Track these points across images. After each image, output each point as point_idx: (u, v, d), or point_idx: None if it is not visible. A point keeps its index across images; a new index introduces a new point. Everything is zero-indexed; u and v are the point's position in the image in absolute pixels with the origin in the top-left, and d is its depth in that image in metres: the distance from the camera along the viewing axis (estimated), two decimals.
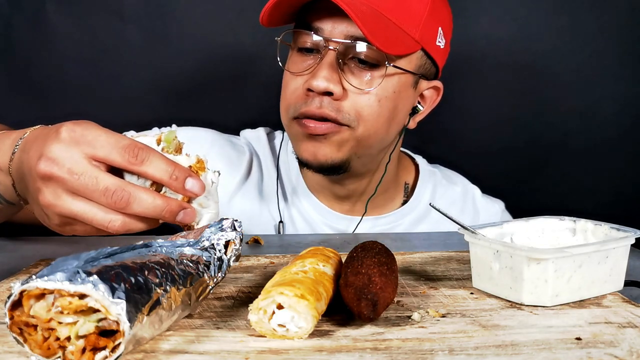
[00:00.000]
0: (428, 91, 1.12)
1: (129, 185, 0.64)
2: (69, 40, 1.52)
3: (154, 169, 0.64)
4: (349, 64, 1.01)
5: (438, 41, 1.06)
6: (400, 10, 1.00)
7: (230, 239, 0.65)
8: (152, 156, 0.65)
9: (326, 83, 0.98)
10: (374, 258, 0.63)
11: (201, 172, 0.68)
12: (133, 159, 0.64)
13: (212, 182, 0.69)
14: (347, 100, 1.00)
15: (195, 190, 0.66)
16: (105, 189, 0.62)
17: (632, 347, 0.55)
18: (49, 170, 0.63)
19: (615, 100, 1.55)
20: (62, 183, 0.63)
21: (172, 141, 0.69)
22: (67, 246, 0.95)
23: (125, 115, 1.52)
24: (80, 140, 0.64)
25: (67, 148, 0.63)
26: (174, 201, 0.65)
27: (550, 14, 1.53)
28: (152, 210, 0.64)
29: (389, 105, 1.03)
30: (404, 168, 1.25)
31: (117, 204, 0.63)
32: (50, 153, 0.63)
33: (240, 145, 1.23)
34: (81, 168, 0.63)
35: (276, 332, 0.56)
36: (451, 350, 0.54)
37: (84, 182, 0.62)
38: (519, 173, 1.60)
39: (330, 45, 0.99)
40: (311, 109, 1.00)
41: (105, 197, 0.63)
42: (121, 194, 0.63)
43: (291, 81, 1.04)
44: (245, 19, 1.52)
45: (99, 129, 0.65)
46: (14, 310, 0.49)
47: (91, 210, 0.64)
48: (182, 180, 0.65)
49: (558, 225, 0.78)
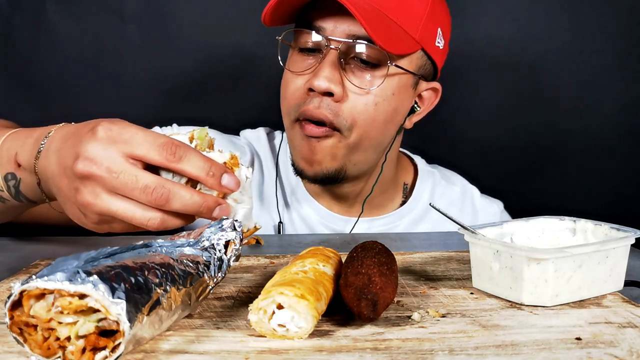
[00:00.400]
0: (426, 92, 1.12)
1: (168, 183, 0.64)
2: (69, 40, 1.52)
3: (191, 166, 0.65)
4: (350, 63, 1.00)
5: (437, 42, 1.06)
6: (402, 10, 1.00)
7: (230, 239, 0.65)
8: (190, 153, 0.65)
9: (327, 83, 0.98)
10: (374, 258, 0.63)
11: (235, 168, 0.68)
12: (171, 157, 0.64)
13: (246, 178, 0.69)
14: (346, 102, 1.00)
15: (231, 186, 0.67)
16: (145, 187, 0.63)
17: (632, 347, 0.55)
18: (87, 169, 0.63)
19: (615, 100, 1.55)
20: (101, 182, 0.63)
21: (205, 138, 0.69)
22: (67, 246, 0.95)
23: (125, 115, 1.51)
24: (117, 138, 0.64)
25: (105, 147, 0.63)
26: (210, 197, 0.66)
27: (550, 14, 1.53)
28: (190, 206, 0.64)
29: (386, 108, 1.02)
30: (403, 168, 1.25)
31: (157, 201, 0.63)
32: (88, 152, 0.63)
33: (241, 145, 1.23)
34: (120, 166, 0.63)
35: (276, 332, 0.56)
36: (451, 350, 0.54)
37: (123, 181, 0.63)
38: (518, 173, 1.60)
39: (332, 44, 0.99)
40: (309, 109, 1.00)
41: (145, 195, 0.63)
42: (161, 191, 0.63)
43: (291, 81, 1.04)
44: (245, 19, 1.52)
45: (135, 127, 0.65)
46: (14, 310, 0.49)
47: (130, 209, 0.64)
48: (219, 177, 0.66)
49: (558, 225, 0.78)
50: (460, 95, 1.53)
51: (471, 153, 1.57)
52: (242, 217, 0.69)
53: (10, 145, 0.78)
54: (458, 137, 1.59)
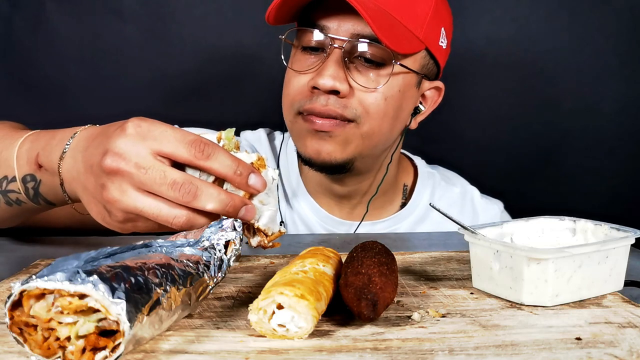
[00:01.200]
0: (430, 91, 1.12)
1: (196, 180, 0.63)
2: (69, 40, 1.51)
3: (219, 164, 0.64)
4: (354, 62, 1.00)
5: (441, 41, 1.06)
6: (406, 9, 1.00)
7: (230, 239, 0.65)
8: (218, 152, 0.64)
9: (332, 81, 0.97)
10: (374, 258, 0.63)
11: (262, 169, 0.68)
12: (199, 154, 0.63)
13: (272, 179, 0.69)
14: (353, 97, 1.00)
15: (257, 186, 0.66)
16: (173, 182, 0.62)
17: (632, 347, 0.55)
18: (115, 165, 0.62)
19: (615, 100, 1.55)
20: (129, 178, 0.62)
21: (232, 139, 0.69)
22: (67, 246, 0.95)
23: (125, 115, 1.52)
24: (146, 135, 0.63)
25: (134, 143, 0.63)
26: (237, 197, 0.65)
27: (550, 14, 1.53)
28: (217, 204, 0.63)
29: (394, 103, 1.03)
30: (403, 170, 1.25)
31: (185, 197, 0.62)
32: (117, 148, 0.63)
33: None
34: (148, 162, 0.62)
35: (276, 332, 0.56)
36: (451, 350, 0.54)
37: (151, 176, 0.62)
38: (518, 173, 1.60)
39: (336, 43, 0.99)
40: (316, 107, 1.00)
41: (173, 191, 0.62)
42: (189, 187, 0.62)
43: (294, 79, 1.04)
44: (245, 19, 1.52)
45: (164, 125, 0.65)
46: (14, 310, 0.49)
47: (157, 206, 0.63)
48: (246, 177, 0.65)
49: (558, 225, 0.78)
50: (460, 95, 1.52)
51: (471, 153, 1.57)
52: (268, 219, 0.68)
53: (30, 147, 0.78)
54: (458, 137, 1.58)
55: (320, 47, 1.02)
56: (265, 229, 0.67)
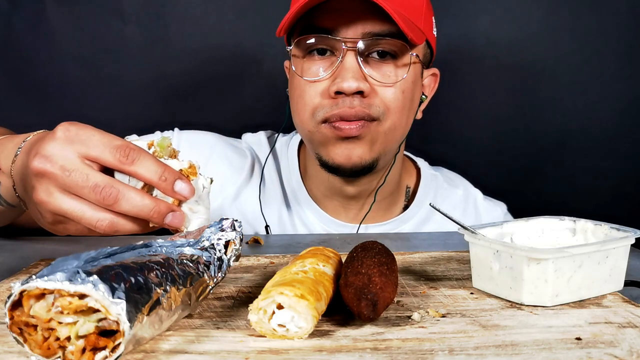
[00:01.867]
0: (428, 79, 1.14)
1: (118, 183, 0.65)
2: (69, 40, 1.52)
3: (144, 169, 0.65)
4: (369, 61, 1.01)
5: (434, 30, 1.10)
6: (407, 3, 1.02)
7: (230, 239, 0.65)
8: (143, 157, 0.66)
9: (357, 83, 0.98)
10: (374, 258, 0.63)
11: (192, 177, 0.68)
12: (124, 159, 0.65)
13: (203, 187, 0.69)
14: (375, 96, 1.01)
15: (184, 193, 0.67)
16: (94, 185, 0.64)
17: (632, 347, 0.55)
18: (42, 167, 0.64)
19: (615, 100, 1.55)
20: (54, 180, 0.64)
21: (167, 147, 0.70)
22: (67, 246, 0.95)
23: (125, 115, 1.52)
24: (74, 139, 0.65)
25: (62, 146, 0.65)
26: (163, 203, 0.66)
27: (550, 14, 1.53)
28: (140, 209, 0.65)
29: (409, 95, 1.05)
30: (406, 171, 1.25)
31: (106, 200, 0.64)
32: (45, 151, 0.65)
33: (242, 149, 1.23)
34: (73, 165, 0.64)
35: (276, 332, 0.56)
36: (451, 350, 0.54)
37: (74, 179, 0.64)
38: (518, 173, 1.60)
39: (349, 44, 0.99)
40: (345, 110, 0.99)
41: (95, 193, 0.64)
42: (110, 190, 0.64)
43: (309, 87, 1.03)
44: (245, 19, 1.52)
45: (93, 129, 0.66)
46: (14, 310, 0.49)
47: (81, 208, 0.65)
48: (171, 182, 0.66)
49: (558, 225, 0.78)
50: (460, 95, 1.53)
51: (471, 153, 1.57)
52: (197, 227, 0.69)
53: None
54: (458, 137, 1.59)
55: (330, 50, 1.02)
56: None
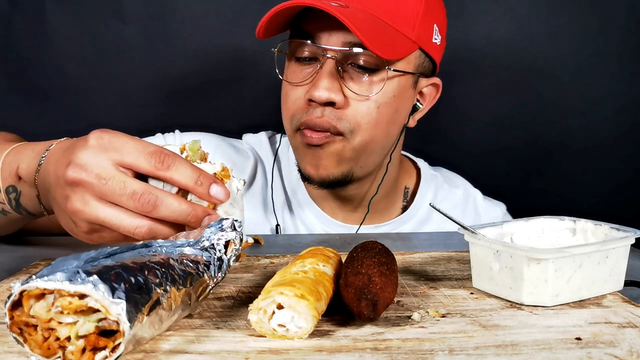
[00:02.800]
0: (427, 88, 1.11)
1: (155, 190, 0.64)
2: (69, 40, 1.52)
3: (179, 174, 0.65)
4: (348, 70, 1.00)
5: (434, 38, 1.06)
6: (396, 12, 0.99)
7: (230, 239, 0.65)
8: (178, 162, 0.65)
9: (327, 93, 0.97)
10: (374, 258, 0.63)
11: (226, 180, 0.69)
12: (159, 165, 0.65)
13: (237, 190, 0.70)
14: (348, 108, 1.00)
15: (220, 196, 0.67)
16: (132, 192, 0.63)
17: (632, 347, 0.55)
18: (77, 176, 0.64)
19: (615, 100, 1.55)
20: (90, 188, 0.64)
21: (197, 150, 0.70)
22: (67, 246, 0.94)
23: (124, 115, 1.53)
24: (108, 146, 0.65)
25: (95, 154, 0.64)
26: (199, 207, 0.66)
27: (550, 14, 1.53)
28: (178, 214, 0.65)
29: (388, 110, 1.02)
30: (406, 172, 1.24)
31: (144, 207, 0.64)
32: (79, 159, 0.64)
33: (244, 150, 1.23)
34: (109, 173, 0.64)
35: (276, 332, 0.56)
36: (451, 350, 0.54)
37: (111, 187, 0.63)
38: (518, 173, 1.60)
39: (328, 53, 0.98)
40: (312, 118, 0.99)
41: (133, 201, 0.63)
42: (148, 197, 0.63)
43: (291, 91, 1.03)
44: (245, 19, 1.52)
45: (126, 136, 0.66)
46: (14, 310, 0.49)
47: (118, 216, 0.64)
48: (207, 187, 0.66)
49: (558, 225, 0.78)
50: (460, 95, 1.53)
51: (471, 153, 1.57)
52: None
53: (12, 159, 0.80)
54: (458, 137, 1.59)
55: (313, 56, 1.01)
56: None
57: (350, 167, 1.04)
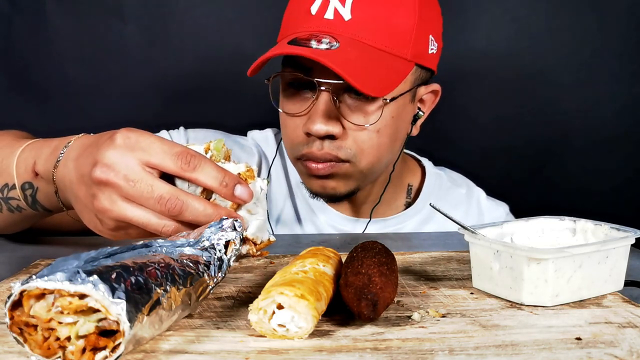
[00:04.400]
0: (427, 95, 1.10)
1: (182, 194, 0.65)
2: (69, 40, 1.52)
3: (205, 175, 0.66)
4: (344, 100, 0.98)
5: (430, 49, 1.03)
6: (390, 34, 0.96)
7: (230, 239, 0.65)
8: (204, 163, 0.66)
9: (325, 127, 0.96)
10: (374, 258, 0.63)
11: (250, 180, 0.69)
12: (186, 166, 0.65)
13: (260, 189, 0.70)
14: (347, 138, 0.99)
15: (244, 197, 0.67)
16: (159, 197, 0.64)
17: (632, 347, 0.55)
18: (105, 176, 0.64)
19: (615, 100, 1.55)
20: (118, 189, 0.64)
21: (221, 149, 0.70)
22: (67, 246, 0.95)
23: (124, 115, 1.52)
24: (135, 146, 0.65)
25: (123, 154, 0.65)
26: (223, 209, 0.67)
27: (550, 14, 1.53)
28: (202, 218, 0.65)
29: (388, 132, 1.01)
30: (410, 170, 1.25)
31: (171, 211, 0.64)
32: (106, 159, 0.64)
33: (249, 146, 1.23)
34: (137, 175, 0.64)
35: (276, 332, 0.56)
36: (451, 350, 0.54)
37: (139, 190, 0.64)
38: (519, 173, 1.60)
39: (323, 86, 0.96)
40: (313, 151, 0.99)
41: (160, 205, 0.64)
42: (175, 202, 0.64)
43: (289, 121, 1.02)
44: (245, 19, 1.52)
45: (152, 136, 0.66)
46: (14, 310, 0.49)
47: (146, 216, 0.65)
48: (232, 187, 0.67)
49: (558, 225, 0.78)
50: (460, 96, 1.53)
51: (471, 153, 1.57)
52: (256, 229, 0.69)
53: (28, 155, 0.80)
54: (458, 137, 1.59)
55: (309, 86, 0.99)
56: (253, 238, 0.68)
57: (358, 185, 1.05)
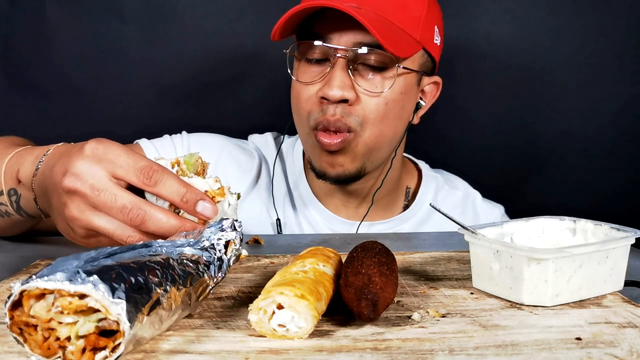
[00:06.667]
0: (428, 86, 1.15)
1: (144, 205, 0.66)
2: (69, 40, 1.51)
3: (166, 190, 0.67)
4: (358, 69, 1.03)
5: (435, 39, 1.10)
6: (403, 13, 1.04)
7: (230, 239, 0.65)
8: (165, 178, 0.67)
9: (341, 91, 1.00)
10: (374, 258, 0.63)
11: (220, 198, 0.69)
12: (147, 180, 0.67)
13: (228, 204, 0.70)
14: (359, 105, 1.03)
15: (206, 213, 0.69)
16: (122, 207, 0.65)
17: (632, 347, 0.55)
18: (73, 185, 0.66)
19: (615, 100, 1.55)
20: (85, 198, 0.66)
21: (194, 163, 0.71)
22: (67, 246, 0.94)
23: (124, 114, 1.53)
24: (102, 157, 0.67)
25: (91, 165, 0.66)
26: (188, 222, 0.68)
27: (550, 14, 1.53)
28: (166, 229, 0.66)
29: (395, 106, 1.06)
30: (407, 172, 1.27)
31: (133, 221, 0.66)
32: (75, 169, 0.66)
33: (249, 149, 1.25)
34: (102, 184, 0.66)
35: (276, 332, 0.56)
36: (451, 350, 0.54)
37: (103, 199, 0.66)
38: (519, 173, 1.60)
39: (339, 53, 1.01)
40: (327, 118, 1.02)
41: (122, 215, 0.66)
42: (137, 212, 0.66)
43: (303, 90, 1.06)
44: (245, 19, 1.52)
45: (120, 148, 0.68)
46: (14, 310, 0.49)
47: (111, 225, 0.67)
48: (193, 203, 0.68)
49: (558, 225, 0.78)
50: (460, 95, 1.53)
51: (471, 152, 1.57)
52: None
53: (14, 162, 0.83)
54: (458, 136, 1.59)
55: (323, 57, 1.04)
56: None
57: (363, 162, 1.08)
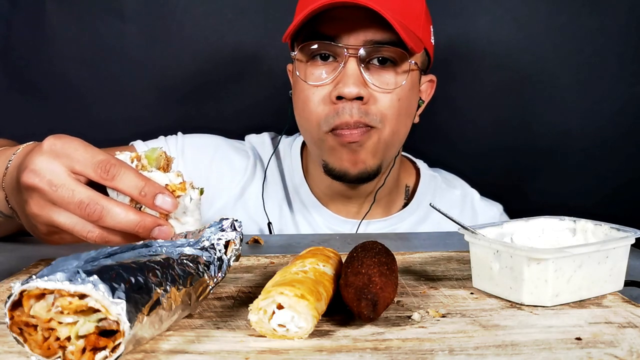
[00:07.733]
0: (425, 85, 1.16)
1: (102, 199, 0.65)
2: (69, 40, 1.51)
3: (124, 184, 0.66)
4: (369, 67, 1.04)
5: (432, 39, 1.12)
6: (407, 13, 1.04)
7: (230, 239, 0.65)
8: (123, 172, 0.66)
9: (357, 88, 1.00)
10: (374, 258, 0.63)
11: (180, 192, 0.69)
12: (104, 174, 0.66)
13: (190, 199, 0.69)
14: (373, 103, 1.03)
15: (165, 206, 0.67)
16: (79, 202, 0.65)
17: (632, 347, 0.55)
18: (31, 181, 0.66)
19: (615, 100, 1.55)
20: (43, 194, 0.66)
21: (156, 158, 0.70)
22: (67, 246, 0.94)
23: (124, 114, 1.52)
24: (60, 153, 0.66)
25: (49, 160, 0.66)
26: (148, 217, 0.67)
27: (550, 14, 1.53)
28: (125, 224, 0.66)
29: (405, 103, 1.06)
30: (405, 171, 1.27)
31: (90, 216, 0.65)
32: (33, 165, 0.66)
33: (244, 150, 1.25)
34: (60, 180, 0.65)
35: (276, 332, 0.56)
36: (451, 350, 0.54)
37: (61, 194, 0.65)
38: (518, 173, 1.60)
39: (351, 51, 1.01)
40: (346, 119, 1.02)
41: (80, 210, 0.65)
42: (94, 207, 0.65)
43: (313, 93, 1.05)
44: (245, 18, 1.52)
45: (78, 143, 0.67)
46: (14, 310, 0.49)
47: (71, 221, 0.66)
48: (152, 197, 0.67)
49: (558, 225, 0.78)
50: (460, 95, 1.53)
51: (471, 152, 1.57)
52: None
53: None
54: (458, 136, 1.58)
55: (332, 56, 1.04)
56: None
57: (382, 158, 1.08)
